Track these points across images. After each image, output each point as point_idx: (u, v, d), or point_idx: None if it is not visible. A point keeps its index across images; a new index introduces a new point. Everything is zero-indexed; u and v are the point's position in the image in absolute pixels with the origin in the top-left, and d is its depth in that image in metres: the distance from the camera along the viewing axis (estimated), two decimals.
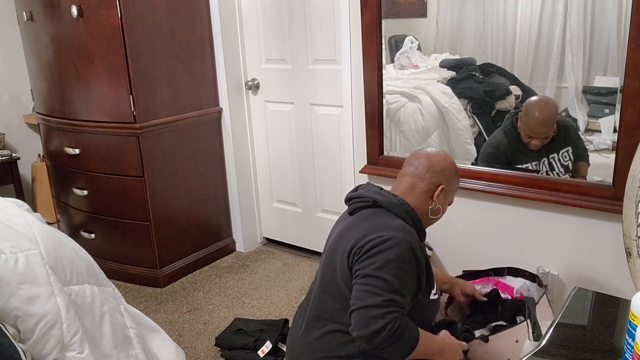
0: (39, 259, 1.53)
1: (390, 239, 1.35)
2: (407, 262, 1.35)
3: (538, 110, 2.07)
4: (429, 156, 1.56)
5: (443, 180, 1.53)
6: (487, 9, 2.10)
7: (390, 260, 1.33)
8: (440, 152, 1.60)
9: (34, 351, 1.46)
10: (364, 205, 1.51)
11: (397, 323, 1.29)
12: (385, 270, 1.32)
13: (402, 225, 1.43)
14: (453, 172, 1.58)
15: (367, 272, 1.34)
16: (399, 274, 1.33)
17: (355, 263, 1.38)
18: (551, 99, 2.03)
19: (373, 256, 1.34)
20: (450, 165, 1.57)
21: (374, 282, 1.32)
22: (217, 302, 2.70)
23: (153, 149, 2.77)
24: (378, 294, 1.30)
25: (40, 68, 2.96)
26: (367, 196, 1.51)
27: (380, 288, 1.31)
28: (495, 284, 2.08)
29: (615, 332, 1.29)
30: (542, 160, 2.07)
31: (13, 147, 3.79)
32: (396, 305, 1.30)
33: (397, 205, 1.47)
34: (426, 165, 1.54)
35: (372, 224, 1.42)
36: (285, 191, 3.16)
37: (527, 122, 2.06)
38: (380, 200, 1.48)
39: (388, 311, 1.29)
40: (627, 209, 1.56)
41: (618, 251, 1.88)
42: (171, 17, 2.75)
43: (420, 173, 1.53)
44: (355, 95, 2.55)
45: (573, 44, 1.94)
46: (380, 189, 1.56)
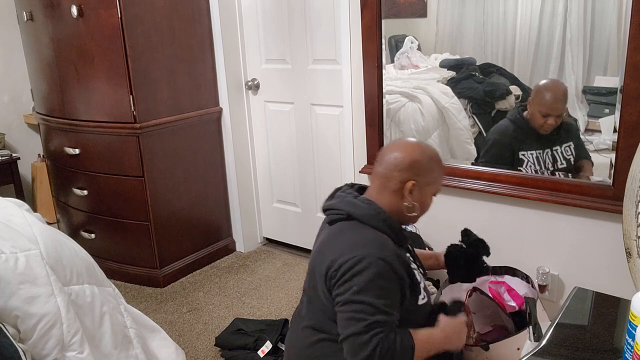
0: (39, 259, 1.53)
1: (363, 259, 1.31)
2: (385, 278, 1.31)
3: (552, 88, 2.05)
4: (395, 151, 1.46)
5: (412, 175, 1.43)
6: (487, 9, 2.10)
7: (368, 281, 1.29)
8: (409, 144, 1.48)
9: (34, 351, 1.46)
10: (339, 218, 1.45)
11: (385, 344, 1.26)
12: (364, 293, 1.29)
13: (375, 239, 1.37)
14: (426, 164, 1.45)
15: (347, 297, 1.31)
16: (379, 294, 1.29)
17: (334, 288, 1.35)
18: (560, 81, 2.02)
19: (350, 280, 1.31)
20: (421, 158, 1.45)
21: (355, 307, 1.29)
22: (217, 302, 2.70)
23: (153, 149, 2.77)
24: (361, 320, 1.27)
25: (40, 68, 2.96)
26: (341, 208, 1.45)
27: (363, 312, 1.28)
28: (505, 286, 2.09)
29: (615, 332, 1.29)
30: (546, 150, 2.06)
31: (13, 147, 3.79)
32: (380, 326, 1.27)
33: (372, 217, 1.41)
34: (392, 163, 1.44)
35: (346, 242, 1.38)
36: (285, 191, 3.16)
37: (542, 101, 2.03)
38: (355, 213, 1.42)
39: (373, 334, 1.26)
40: (627, 209, 1.56)
41: (618, 251, 1.88)
42: (171, 17, 2.75)
43: (388, 172, 1.44)
44: (355, 95, 2.55)
45: (573, 44, 1.94)
46: (356, 196, 1.48)
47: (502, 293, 2.09)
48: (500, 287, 2.10)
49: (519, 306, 2.01)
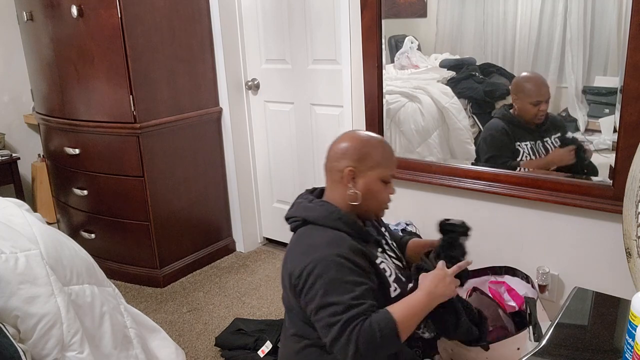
0: (39, 259, 1.53)
1: (320, 262, 1.31)
2: (346, 272, 1.31)
3: (531, 78, 2.09)
4: (332, 144, 1.48)
5: (348, 162, 1.42)
6: (487, 9, 2.10)
7: (330, 282, 1.29)
8: (344, 135, 1.48)
9: (34, 351, 1.46)
10: (297, 225, 1.47)
11: (363, 334, 1.25)
12: (330, 294, 1.29)
13: (329, 238, 1.37)
14: (359, 149, 1.43)
15: (317, 304, 1.31)
16: (344, 289, 1.29)
17: (301, 297, 1.35)
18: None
19: (313, 286, 1.31)
20: (355, 144, 1.43)
21: (327, 311, 1.29)
22: (217, 302, 2.70)
23: (153, 149, 2.77)
24: (334, 323, 1.27)
25: (40, 68, 2.96)
26: (297, 215, 1.47)
27: (334, 314, 1.28)
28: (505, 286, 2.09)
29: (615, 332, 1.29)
30: (537, 141, 2.09)
31: (13, 147, 3.79)
32: (354, 319, 1.27)
33: (326, 217, 1.41)
34: (331, 155, 1.46)
35: (302, 248, 1.39)
36: (285, 191, 3.16)
37: (528, 92, 2.08)
38: (309, 217, 1.44)
39: (349, 331, 1.26)
40: (627, 209, 1.56)
41: (618, 251, 1.88)
42: (171, 17, 2.75)
43: (329, 165, 1.46)
44: (355, 95, 2.55)
45: (573, 44, 1.94)
46: (311, 200, 1.49)
47: (502, 293, 2.09)
48: (500, 287, 2.10)
49: (519, 306, 2.01)
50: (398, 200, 2.45)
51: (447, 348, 1.97)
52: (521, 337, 1.76)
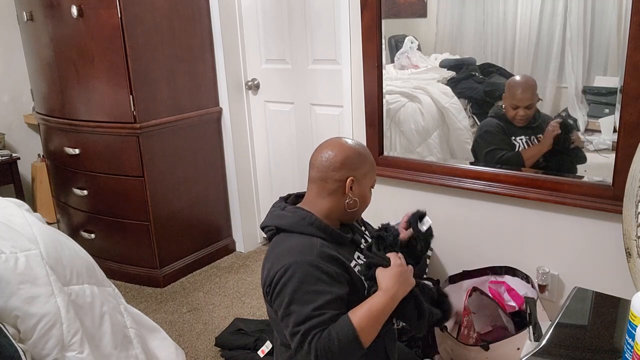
0: (39, 259, 1.53)
1: (288, 269, 1.32)
2: (311, 282, 1.31)
3: (520, 82, 2.11)
4: (325, 152, 1.47)
5: (348, 172, 1.44)
6: (487, 9, 2.10)
7: (294, 291, 1.31)
8: (336, 144, 1.48)
9: (34, 351, 1.46)
10: (272, 234, 1.48)
11: (321, 344, 1.26)
12: (294, 303, 1.30)
13: (299, 245, 1.38)
14: (356, 158, 1.46)
15: (282, 312, 1.33)
16: (307, 299, 1.30)
17: (272, 303, 1.37)
18: (530, 76, 2.08)
19: (280, 293, 1.33)
20: (350, 153, 1.46)
21: (289, 320, 1.31)
22: (217, 302, 2.70)
23: (153, 149, 2.77)
24: (295, 333, 1.29)
25: (40, 68, 2.96)
26: (270, 224, 1.48)
27: (295, 324, 1.30)
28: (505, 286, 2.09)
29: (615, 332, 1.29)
30: (531, 136, 2.10)
31: (13, 147, 3.79)
32: (312, 330, 1.28)
33: (297, 223, 1.42)
34: (325, 165, 1.45)
35: (274, 256, 1.40)
36: (285, 191, 3.14)
37: (511, 93, 2.10)
38: (281, 224, 1.45)
39: (309, 341, 1.27)
40: (627, 209, 1.56)
41: (618, 251, 1.88)
42: (171, 17, 2.75)
43: (323, 175, 1.45)
44: (355, 95, 2.55)
45: (573, 44, 1.94)
46: (283, 207, 1.49)
47: (502, 293, 2.09)
48: (500, 287, 2.10)
49: (519, 306, 2.01)
50: (398, 200, 2.46)
51: (447, 348, 1.97)
52: (521, 337, 1.77)
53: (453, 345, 1.92)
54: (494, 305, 2.05)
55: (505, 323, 2.03)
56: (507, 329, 2.01)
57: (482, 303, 2.06)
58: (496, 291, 2.09)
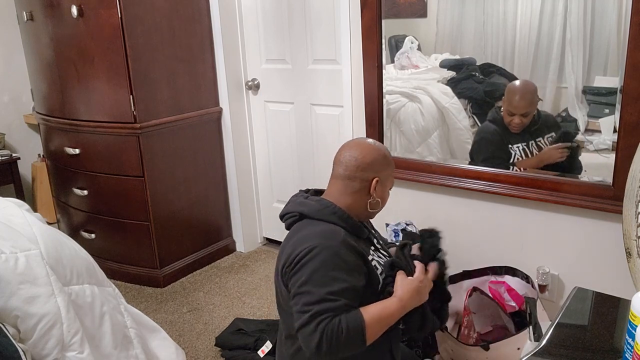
0: (39, 259, 1.53)
1: (311, 250, 1.35)
2: (332, 267, 1.34)
3: (519, 88, 2.10)
4: (353, 152, 1.52)
5: (374, 172, 1.50)
6: (487, 9, 2.10)
7: (314, 271, 1.33)
8: (364, 145, 1.54)
9: (34, 351, 1.46)
10: (293, 220, 1.51)
11: (329, 328, 1.27)
12: (310, 283, 1.32)
13: (324, 230, 1.41)
14: (382, 160, 1.52)
15: (295, 290, 1.34)
16: (324, 282, 1.32)
17: (288, 281, 1.39)
18: (530, 81, 2.07)
19: (298, 271, 1.35)
20: (378, 156, 1.52)
21: (301, 299, 1.32)
22: (217, 302, 2.71)
23: (153, 149, 2.77)
24: (305, 311, 1.30)
25: (41, 68, 2.96)
26: (292, 210, 1.51)
27: (307, 303, 1.31)
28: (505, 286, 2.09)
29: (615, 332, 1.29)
30: (530, 142, 2.10)
31: (13, 147, 3.79)
32: (324, 313, 1.29)
33: (321, 210, 1.46)
34: (352, 164, 1.50)
35: (297, 238, 1.42)
36: (285, 191, 3.16)
37: (508, 99, 2.10)
38: (304, 211, 1.48)
39: (317, 322, 1.28)
40: (627, 209, 1.56)
41: (618, 251, 1.88)
42: (171, 17, 2.75)
43: (350, 173, 1.50)
44: (355, 95, 2.55)
45: (573, 44, 1.94)
46: (307, 197, 1.53)
47: (502, 293, 2.09)
48: (500, 287, 2.10)
49: (519, 306, 2.01)
50: (398, 200, 2.46)
51: (448, 348, 1.97)
52: (521, 337, 1.77)
53: (453, 345, 1.92)
54: (494, 305, 2.05)
55: (505, 323, 2.03)
56: (507, 329, 2.01)
57: (482, 303, 2.06)
58: (496, 291, 2.09)
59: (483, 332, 2.04)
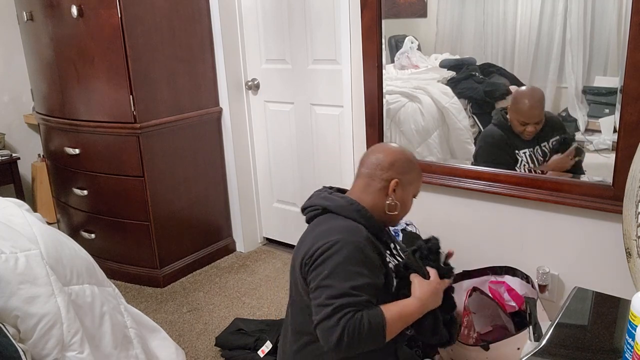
0: (39, 259, 1.53)
1: (335, 244, 1.35)
2: (355, 262, 1.34)
3: (527, 97, 2.10)
4: (377, 153, 1.54)
5: (395, 174, 1.50)
6: (487, 9, 2.10)
7: (337, 264, 1.33)
8: (390, 147, 1.56)
9: (34, 351, 1.46)
10: (316, 214, 1.51)
11: (351, 323, 1.27)
12: (332, 277, 1.32)
13: (347, 226, 1.42)
14: (405, 164, 1.52)
15: (317, 283, 1.34)
16: (347, 276, 1.32)
17: (308, 274, 1.38)
18: (537, 87, 2.06)
19: (321, 264, 1.34)
20: (401, 158, 1.53)
21: (324, 292, 1.32)
22: (217, 302, 2.71)
23: (153, 149, 2.77)
24: (328, 305, 1.30)
25: (41, 68, 2.96)
26: (316, 204, 1.52)
27: (329, 297, 1.30)
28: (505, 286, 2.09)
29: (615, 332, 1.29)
30: (535, 147, 2.09)
31: (13, 147, 3.79)
32: (347, 307, 1.29)
33: (345, 207, 1.46)
34: (374, 163, 1.51)
35: (320, 231, 1.42)
36: (285, 191, 3.16)
37: (519, 109, 2.09)
38: (329, 206, 1.48)
39: (340, 317, 1.28)
40: (627, 209, 1.56)
41: (618, 251, 1.88)
42: (171, 17, 2.75)
43: (371, 172, 1.51)
44: (355, 95, 2.55)
45: (573, 44, 1.94)
46: (331, 193, 1.54)
47: (502, 293, 2.09)
48: (500, 287, 2.10)
49: (519, 306, 2.01)
50: None
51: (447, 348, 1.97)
52: (521, 337, 1.77)
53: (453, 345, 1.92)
54: (494, 305, 2.05)
55: (505, 323, 2.03)
56: (507, 329, 2.01)
57: (482, 303, 2.06)
58: (496, 291, 2.09)
59: (483, 332, 2.04)
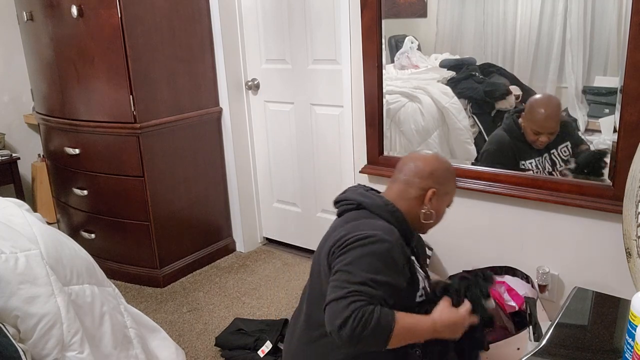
0: (39, 259, 1.53)
1: (368, 237, 1.35)
2: (381, 259, 1.33)
3: (544, 106, 2.07)
4: (416, 160, 1.53)
5: (433, 183, 1.50)
6: (487, 9, 2.10)
7: (363, 256, 1.32)
8: (429, 155, 1.56)
9: (34, 351, 1.46)
10: (349, 208, 1.51)
11: (361, 312, 1.25)
12: (355, 264, 1.31)
13: (382, 226, 1.41)
14: (444, 173, 1.53)
15: (339, 267, 1.33)
16: (369, 269, 1.31)
17: (333, 260, 1.38)
18: (553, 95, 2.03)
19: (348, 252, 1.34)
20: (440, 167, 1.53)
21: (342, 276, 1.31)
22: (217, 302, 2.71)
23: (153, 149, 2.77)
24: (343, 287, 1.29)
25: (41, 68, 2.96)
26: (352, 198, 1.51)
27: (347, 281, 1.29)
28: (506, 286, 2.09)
29: (615, 332, 1.29)
30: (544, 155, 2.07)
31: (13, 147, 3.79)
32: (361, 295, 1.27)
33: (381, 207, 1.46)
34: (413, 171, 1.51)
35: (354, 225, 1.42)
36: (285, 191, 3.16)
37: (534, 118, 2.06)
38: (364, 202, 1.48)
39: (351, 301, 1.26)
40: (627, 209, 1.56)
41: (618, 251, 1.88)
42: (171, 17, 2.75)
43: (409, 179, 1.51)
44: (355, 95, 2.55)
45: (573, 44, 1.94)
46: (367, 190, 1.54)
47: (502, 293, 2.09)
48: (500, 287, 2.10)
49: (519, 306, 2.01)
50: None
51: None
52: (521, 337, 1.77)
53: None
54: (494, 306, 2.04)
55: (505, 323, 2.03)
56: (507, 329, 2.01)
57: None
58: (496, 291, 2.09)
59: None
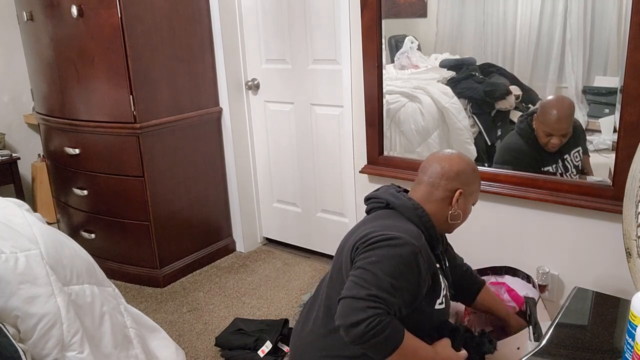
0: (39, 259, 1.53)
1: (394, 238, 1.34)
2: (405, 264, 1.32)
3: (556, 107, 2.05)
4: (442, 162, 1.52)
5: (459, 184, 1.50)
6: (487, 9, 2.10)
7: (388, 257, 1.31)
8: (453, 155, 1.55)
9: (34, 351, 1.46)
10: (378, 206, 1.52)
11: (378, 319, 1.25)
12: (379, 265, 1.30)
13: (411, 229, 1.41)
14: (470, 173, 1.53)
15: (362, 264, 1.33)
16: (392, 273, 1.30)
17: (356, 255, 1.38)
18: (567, 96, 2.00)
19: (372, 250, 1.34)
20: (466, 168, 1.53)
21: (365, 274, 1.30)
22: (217, 302, 2.71)
23: (153, 149, 2.77)
24: (365, 287, 1.28)
25: (41, 68, 2.96)
26: (382, 197, 1.52)
27: (369, 282, 1.29)
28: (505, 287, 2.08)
29: (615, 332, 1.29)
30: (558, 160, 2.06)
31: (13, 147, 3.79)
32: (381, 302, 1.27)
33: (410, 209, 1.46)
34: (439, 172, 1.50)
35: (382, 223, 1.42)
36: (285, 191, 3.16)
37: (546, 120, 2.03)
38: (394, 203, 1.48)
39: (370, 306, 1.26)
40: (627, 209, 1.56)
41: (618, 251, 1.88)
42: (171, 17, 2.75)
43: (435, 181, 1.50)
44: (355, 95, 2.55)
45: (573, 44, 1.94)
46: (399, 191, 1.54)
47: (502, 293, 2.09)
48: (500, 288, 2.10)
49: (519, 306, 2.01)
50: None
51: None
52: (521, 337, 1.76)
53: None
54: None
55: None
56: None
57: None
58: (496, 292, 2.09)
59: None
